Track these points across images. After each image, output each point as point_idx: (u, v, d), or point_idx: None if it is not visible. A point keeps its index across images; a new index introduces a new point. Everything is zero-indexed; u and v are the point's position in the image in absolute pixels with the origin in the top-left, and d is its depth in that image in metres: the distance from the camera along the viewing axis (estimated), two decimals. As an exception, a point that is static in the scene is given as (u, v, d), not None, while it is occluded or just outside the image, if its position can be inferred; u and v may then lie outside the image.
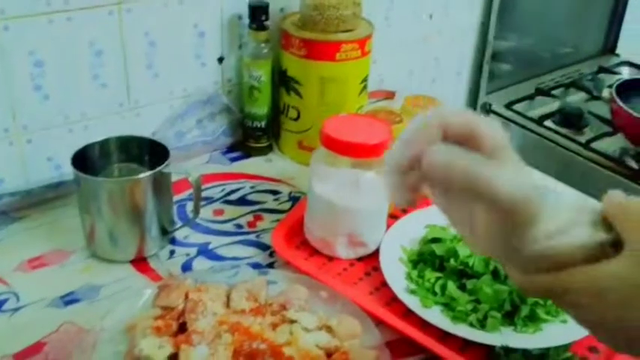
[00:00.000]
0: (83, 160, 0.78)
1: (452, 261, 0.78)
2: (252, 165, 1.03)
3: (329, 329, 0.70)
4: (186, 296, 0.71)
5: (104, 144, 0.81)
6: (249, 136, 1.04)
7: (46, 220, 0.87)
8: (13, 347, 0.67)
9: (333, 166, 0.81)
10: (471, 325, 0.72)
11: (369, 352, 0.67)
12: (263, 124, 1.03)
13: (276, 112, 1.04)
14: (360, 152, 0.78)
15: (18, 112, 0.84)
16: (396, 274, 0.78)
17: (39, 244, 0.82)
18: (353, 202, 0.79)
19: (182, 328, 0.69)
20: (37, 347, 0.68)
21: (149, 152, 0.83)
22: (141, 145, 0.83)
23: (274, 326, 0.70)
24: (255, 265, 0.81)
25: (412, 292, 0.76)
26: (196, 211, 0.80)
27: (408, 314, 0.74)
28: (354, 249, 0.82)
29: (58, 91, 0.86)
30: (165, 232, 0.82)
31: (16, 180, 0.87)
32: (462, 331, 0.71)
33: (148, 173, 0.76)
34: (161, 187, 0.78)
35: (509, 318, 0.73)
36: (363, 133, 0.79)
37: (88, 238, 0.80)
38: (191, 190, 0.93)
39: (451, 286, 0.76)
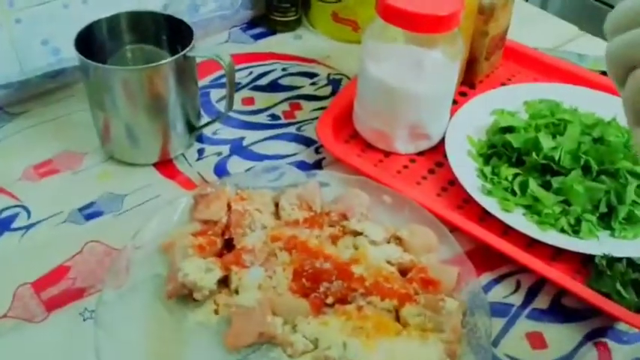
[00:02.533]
0: (88, 42, 0.64)
1: (533, 154, 0.66)
2: (279, 43, 0.89)
3: (399, 241, 0.60)
4: (229, 207, 0.60)
5: (112, 21, 0.66)
6: (274, 8, 0.89)
7: (50, 115, 0.73)
8: (31, 273, 0.57)
9: (391, 43, 0.67)
10: (562, 230, 0.62)
11: (450, 268, 0.57)
12: (291, 15, 0.87)
13: (306, -22, 0.88)
14: (425, 26, 0.63)
15: (1, -15, 0.68)
16: (466, 171, 0.67)
17: (45, 145, 0.70)
18: (416, 85, 0.66)
19: (227, 245, 0.59)
20: (59, 272, 0.57)
21: (166, 31, 0.68)
22: (156, 23, 0.68)
23: (334, 239, 0.60)
24: (301, 165, 0.70)
25: (488, 192, 0.65)
26: (230, 102, 0.67)
27: (485, 218, 0.64)
28: (415, 142, 0.71)
29: (48, -42, 0.70)
30: (192, 129, 0.70)
31: (8, 69, 0.72)
32: (552, 238, 0.61)
33: (172, 58, 0.62)
34: (185, 74, 0.65)
35: (605, 221, 0.63)
36: (429, 1, 0.64)
37: (103, 137, 0.68)
38: (214, 75, 0.80)
39: (533, 185, 0.65)
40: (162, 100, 0.64)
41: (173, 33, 0.67)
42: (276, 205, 0.62)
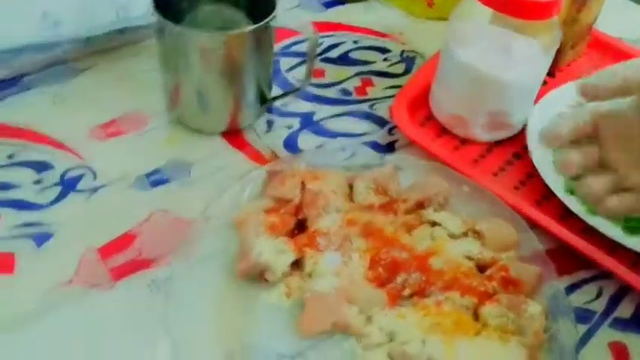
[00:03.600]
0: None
1: (622, 154, 0.62)
2: (349, 14, 0.85)
3: (478, 235, 0.57)
4: (302, 185, 0.58)
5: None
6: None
7: (116, 73, 0.71)
8: (97, 237, 0.55)
9: (479, 26, 0.63)
10: (653, 238, 0.59)
11: (531, 268, 0.54)
12: None
13: (384, -54, 0.84)
14: (523, 10, 0.59)
15: None
16: (547, 164, 0.64)
17: (111, 104, 0.67)
18: (505, 73, 0.62)
19: (300, 226, 0.57)
20: (126, 240, 0.56)
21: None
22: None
23: (409, 228, 0.57)
24: (374, 145, 0.67)
25: (571, 191, 0.62)
26: (309, 75, 0.64)
27: (566, 217, 0.61)
28: (494, 131, 0.67)
29: None
30: (265, 100, 0.67)
31: (74, 23, 0.69)
32: (637, 243, 0.58)
33: (253, 27, 0.59)
34: (263, 42, 0.62)
35: (698, 230, 0.59)
36: (527, -16, 0.60)
37: (172, 100, 0.65)
38: (285, 43, 0.78)
39: (620, 186, 0.61)
40: (237, 68, 0.61)
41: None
42: (350, 187, 0.60)
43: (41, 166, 0.61)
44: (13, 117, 0.65)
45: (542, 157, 0.64)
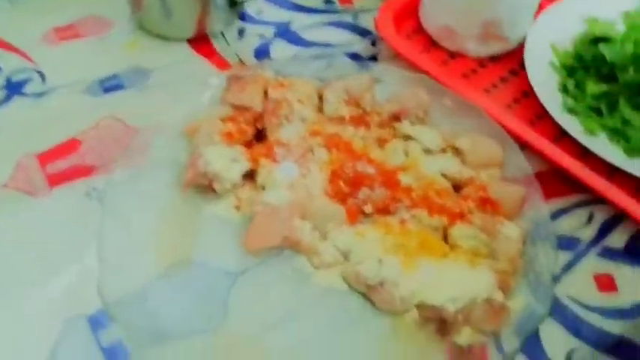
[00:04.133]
0: None
1: (630, 70, 0.55)
2: None
3: (457, 152, 0.51)
4: (266, 93, 0.52)
5: None
6: None
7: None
8: (37, 144, 0.51)
9: None
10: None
11: (514, 188, 0.49)
12: None
13: None
14: None
15: None
16: (545, 82, 0.57)
17: (70, 6, 0.62)
18: (499, -24, 0.56)
19: (260, 136, 0.51)
20: (69, 146, 0.51)
21: None
22: None
23: (382, 142, 0.52)
24: (354, 56, 0.61)
25: (569, 109, 0.55)
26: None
27: (560, 139, 0.55)
28: (488, 43, 0.60)
29: None
30: (234, 3, 0.61)
31: None
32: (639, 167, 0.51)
33: None
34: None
35: None
36: None
37: (134, 4, 0.60)
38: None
39: (625, 105, 0.55)
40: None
41: None
42: (320, 97, 0.54)
43: (-12, 68, 0.56)
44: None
45: (539, 74, 0.57)
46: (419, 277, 0.43)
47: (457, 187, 0.49)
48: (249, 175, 0.49)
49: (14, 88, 0.55)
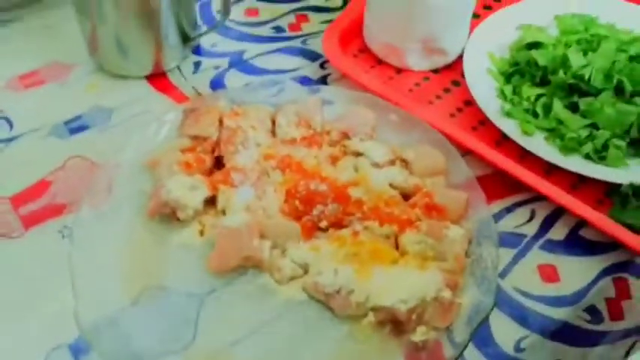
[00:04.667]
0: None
1: (560, 72, 0.60)
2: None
3: (404, 163, 0.55)
4: (221, 122, 0.56)
5: None
6: None
7: (38, 23, 0.69)
8: (10, 187, 0.54)
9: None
10: (587, 156, 0.56)
11: (458, 194, 0.52)
12: None
13: None
14: None
15: None
16: (484, 90, 0.61)
17: (32, 55, 0.65)
18: (434, -7, 0.60)
19: (217, 163, 0.55)
20: (39, 187, 0.54)
21: None
22: None
23: (334, 160, 0.55)
24: (304, 80, 0.64)
25: (507, 113, 0.59)
26: (226, 10, 0.61)
27: (502, 142, 0.59)
28: (429, 58, 0.64)
29: None
30: (187, 39, 0.64)
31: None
32: (575, 164, 0.55)
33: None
34: (178, -23, 0.59)
35: (635, 147, 0.57)
36: None
37: (90, 47, 0.63)
38: (216, -17, 0.74)
39: (558, 106, 0.59)
40: (153, 5, 0.59)
41: None
42: (273, 122, 0.58)
43: (-44, 120, 0.59)
44: None
45: (479, 83, 0.61)
46: (372, 283, 0.46)
47: (406, 197, 0.53)
48: (211, 202, 0.52)
49: (-18, 136, 0.58)
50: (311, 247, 0.48)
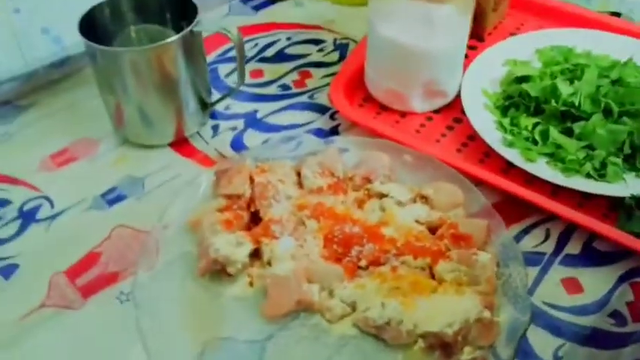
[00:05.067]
0: (91, 26, 0.63)
1: (552, 102, 0.66)
2: (280, 12, 0.88)
3: (425, 200, 0.59)
4: (251, 180, 0.60)
5: (115, 3, 0.65)
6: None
7: (60, 105, 0.73)
8: (63, 262, 0.57)
9: (398, 1, 0.66)
10: (588, 175, 0.61)
11: (479, 222, 0.57)
12: None
13: (303, -58, 0.87)
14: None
15: (-2, -25, 0.67)
16: (484, 124, 0.67)
17: (59, 135, 0.69)
18: (428, 43, 0.65)
19: (254, 218, 0.59)
20: (90, 259, 0.57)
21: (170, 9, 0.67)
22: (159, 1, 0.67)
23: (360, 203, 0.60)
24: (318, 132, 0.69)
25: (509, 144, 0.64)
26: (241, 75, 0.66)
27: (508, 170, 0.64)
28: (430, 100, 0.70)
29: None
30: (205, 106, 0.69)
31: (12, 62, 0.71)
32: (578, 183, 0.61)
33: (179, 35, 0.61)
34: (193, 50, 0.64)
35: (630, 162, 0.62)
36: (435, -45, 0.63)
37: (116, 121, 0.67)
38: (219, 50, 0.80)
39: (554, 132, 0.64)
40: (172, 78, 0.63)
41: (176, 11, 0.66)
42: (298, 174, 0.62)
43: (-1, 203, 0.62)
44: (-36, 161, 0.66)
45: (479, 118, 0.67)
46: (418, 312, 0.50)
47: (432, 230, 0.57)
48: (255, 254, 0.56)
49: (28, 216, 0.61)
50: (356, 286, 0.53)
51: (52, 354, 0.51)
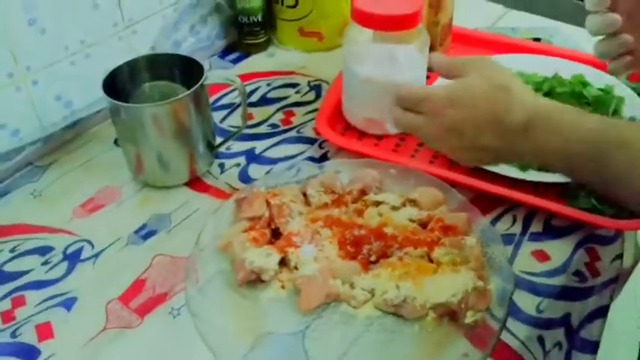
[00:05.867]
0: (110, 85, 0.72)
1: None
2: (255, 63, 1.00)
3: (414, 203, 0.71)
4: (267, 203, 0.71)
5: (132, 64, 0.76)
6: (246, 34, 1.00)
7: (78, 161, 0.82)
8: (114, 291, 0.66)
9: (367, 44, 0.79)
10: (539, 169, 0.75)
11: (460, 214, 0.69)
12: (259, 17, 0.98)
13: (270, 2, 1.00)
14: (395, 24, 0.76)
15: (18, 52, 0.76)
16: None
17: (83, 187, 0.78)
18: (396, 76, 0.78)
19: (274, 234, 0.69)
20: (138, 285, 0.66)
21: (178, 67, 0.78)
22: (170, 62, 0.78)
23: (359, 213, 0.71)
24: (311, 159, 0.81)
25: (472, 151, 0.78)
26: (245, 117, 0.77)
27: (473, 172, 0.77)
28: (401, 123, 0.83)
29: (53, 22, 0.78)
30: (212, 147, 0.79)
31: (30, 128, 0.80)
32: (533, 175, 0.74)
33: (192, 89, 0.72)
34: (202, 101, 0.75)
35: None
36: (393, 3, 0.77)
37: (136, 169, 0.77)
38: (211, 99, 0.90)
39: (506, 138, 0.78)
40: (186, 126, 0.74)
41: (185, 69, 0.76)
42: (304, 194, 0.73)
43: (43, 250, 0.70)
44: (3, 218, 0.74)
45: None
46: (426, 289, 0.62)
47: (423, 225, 0.69)
48: (281, 262, 0.66)
49: (72, 258, 0.69)
50: (372, 276, 0.64)
51: (122, 368, 0.60)
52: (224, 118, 0.88)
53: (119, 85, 0.75)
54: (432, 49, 0.91)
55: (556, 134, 0.57)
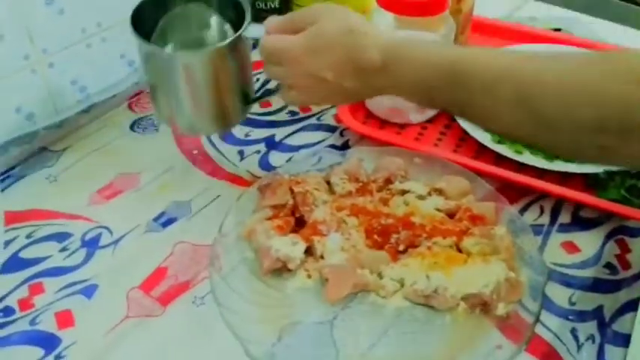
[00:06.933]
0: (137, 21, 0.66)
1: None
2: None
3: (440, 192, 0.70)
4: (291, 190, 0.69)
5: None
6: (263, 20, 0.97)
7: (93, 146, 0.80)
8: (133, 279, 0.64)
9: (392, 30, 0.77)
10: (567, 160, 0.74)
11: (488, 204, 0.68)
12: (276, 3, 0.96)
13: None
14: (421, 10, 0.74)
15: (34, 33, 0.74)
16: (474, 128, 0.78)
17: (99, 173, 0.76)
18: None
19: (298, 222, 0.68)
20: (160, 273, 0.65)
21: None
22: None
23: (384, 202, 0.70)
24: (332, 147, 0.79)
25: (498, 141, 0.76)
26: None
27: (500, 161, 0.75)
28: (423, 112, 0.81)
29: (70, 2, 0.76)
30: (248, 101, 0.72)
31: (45, 111, 0.79)
32: (560, 166, 0.73)
33: (233, 37, 0.66)
34: (242, 50, 0.69)
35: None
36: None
37: (168, 116, 0.70)
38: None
39: (532, 128, 0.77)
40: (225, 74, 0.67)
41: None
42: (328, 182, 0.72)
43: (61, 237, 0.68)
44: (18, 203, 0.72)
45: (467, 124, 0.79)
46: (457, 279, 0.60)
47: (450, 215, 0.68)
48: (307, 251, 0.64)
49: (91, 244, 0.68)
50: (401, 265, 0.62)
51: (144, 356, 0.58)
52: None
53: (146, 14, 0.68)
54: (455, 37, 0.90)
55: (411, 65, 0.58)
